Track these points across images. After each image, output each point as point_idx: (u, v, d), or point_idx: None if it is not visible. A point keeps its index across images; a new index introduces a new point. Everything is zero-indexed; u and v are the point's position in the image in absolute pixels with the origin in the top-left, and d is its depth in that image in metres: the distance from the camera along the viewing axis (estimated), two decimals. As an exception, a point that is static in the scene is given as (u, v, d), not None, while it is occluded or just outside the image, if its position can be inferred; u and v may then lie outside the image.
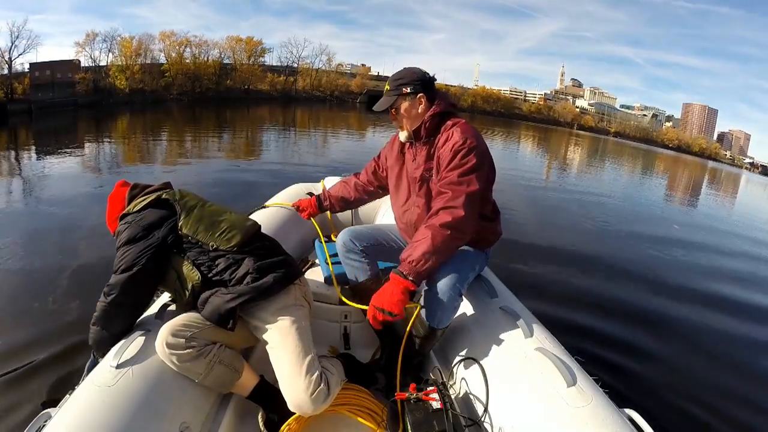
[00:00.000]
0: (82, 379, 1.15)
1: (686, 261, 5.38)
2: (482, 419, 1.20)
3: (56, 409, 1.04)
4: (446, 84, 67.37)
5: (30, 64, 29.03)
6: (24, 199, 5.56)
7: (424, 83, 1.47)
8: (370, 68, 67.43)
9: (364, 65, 67.64)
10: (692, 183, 21.39)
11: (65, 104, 27.61)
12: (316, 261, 2.02)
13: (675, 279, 4.42)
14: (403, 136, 1.54)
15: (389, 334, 1.61)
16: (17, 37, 28.83)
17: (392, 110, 1.49)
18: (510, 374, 1.23)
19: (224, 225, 1.32)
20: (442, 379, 1.35)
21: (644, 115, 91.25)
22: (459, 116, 1.47)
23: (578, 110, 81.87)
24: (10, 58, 28.28)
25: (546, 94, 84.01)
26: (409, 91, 1.45)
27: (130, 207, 1.33)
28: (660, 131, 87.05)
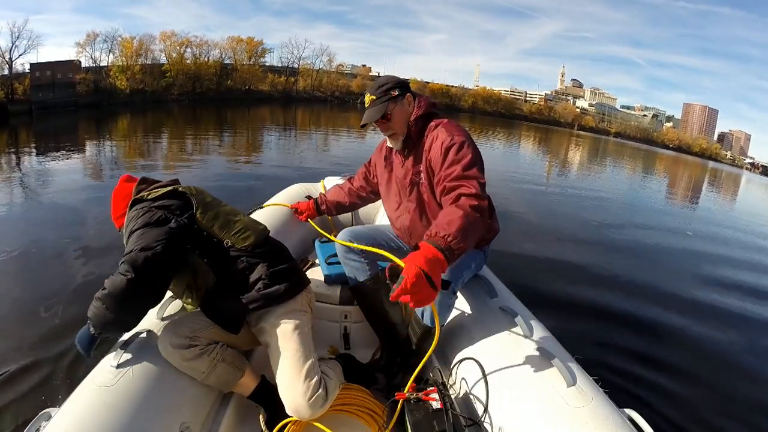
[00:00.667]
0: (79, 375, 1.13)
1: (686, 261, 5.37)
2: (482, 419, 1.20)
3: (56, 409, 1.04)
4: (446, 84, 67.58)
5: (30, 65, 28.95)
6: (24, 199, 5.56)
7: (405, 84, 1.47)
8: (371, 69, 67.43)
9: (365, 66, 67.78)
10: (692, 183, 21.35)
11: (66, 105, 27.53)
12: (316, 261, 2.03)
13: (675, 280, 4.41)
14: (398, 144, 1.49)
15: (389, 334, 1.61)
16: (18, 38, 28.76)
17: (385, 118, 1.43)
18: (510, 374, 1.23)
19: (239, 225, 1.32)
20: (442, 379, 1.35)
21: (645, 116, 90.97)
22: (441, 116, 1.45)
23: (579, 111, 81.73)
24: (11, 59, 28.21)
25: (546, 95, 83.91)
26: (398, 94, 1.43)
27: (144, 195, 1.26)
28: (660, 132, 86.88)
